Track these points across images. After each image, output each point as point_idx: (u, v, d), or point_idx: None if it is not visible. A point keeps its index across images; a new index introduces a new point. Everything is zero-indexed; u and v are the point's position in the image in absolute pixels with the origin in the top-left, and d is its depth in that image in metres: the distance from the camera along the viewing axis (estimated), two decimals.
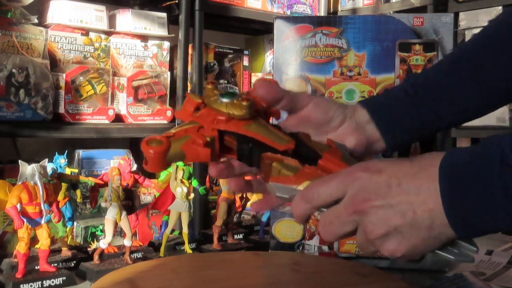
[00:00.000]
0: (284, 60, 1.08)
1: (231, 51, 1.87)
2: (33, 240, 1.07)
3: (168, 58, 1.64)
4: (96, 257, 1.14)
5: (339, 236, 0.52)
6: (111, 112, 1.46)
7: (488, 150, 0.47)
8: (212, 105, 0.58)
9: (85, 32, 1.46)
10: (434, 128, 0.72)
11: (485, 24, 1.81)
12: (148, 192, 1.50)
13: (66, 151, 1.26)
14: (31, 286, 1.01)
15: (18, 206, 1.01)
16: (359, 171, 0.50)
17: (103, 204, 1.16)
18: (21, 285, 1.00)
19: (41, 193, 1.04)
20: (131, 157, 1.48)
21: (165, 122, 1.57)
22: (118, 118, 1.50)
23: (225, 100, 0.57)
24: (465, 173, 0.47)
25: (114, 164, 1.48)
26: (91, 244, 1.34)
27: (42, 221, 1.04)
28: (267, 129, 0.58)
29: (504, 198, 0.45)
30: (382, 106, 0.69)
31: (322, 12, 2.12)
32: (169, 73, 1.62)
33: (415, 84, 0.71)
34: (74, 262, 1.17)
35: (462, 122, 0.76)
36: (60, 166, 1.22)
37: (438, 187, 0.47)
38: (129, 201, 1.20)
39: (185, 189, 1.23)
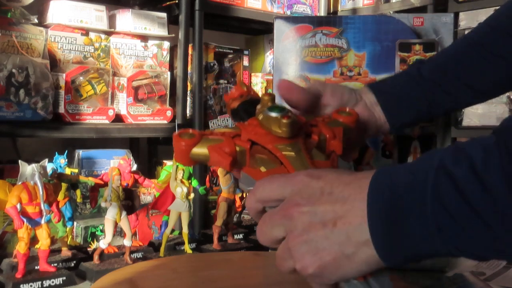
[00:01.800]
0: (284, 60, 1.08)
1: (231, 51, 1.88)
2: (33, 240, 1.07)
3: (168, 58, 1.64)
4: (96, 257, 1.14)
5: (269, 239, 0.48)
6: (111, 112, 1.46)
7: (423, 159, 0.43)
8: (258, 116, 0.56)
9: (85, 32, 1.46)
10: (440, 110, 0.74)
11: None
12: (148, 192, 1.50)
13: (66, 151, 1.27)
14: (31, 286, 1.01)
15: (18, 206, 1.01)
16: (302, 175, 0.48)
17: (103, 204, 1.16)
18: (21, 285, 1.00)
19: (41, 193, 1.04)
20: (131, 157, 1.48)
21: (165, 122, 1.57)
22: (118, 118, 1.50)
23: (270, 113, 0.55)
24: (396, 180, 0.43)
25: (114, 164, 1.48)
26: (91, 244, 1.34)
27: (42, 221, 1.04)
28: (298, 155, 0.54)
29: (435, 203, 0.40)
30: (387, 89, 0.72)
31: (322, 12, 2.12)
32: (169, 73, 1.62)
33: (420, 68, 0.74)
34: (74, 262, 1.17)
35: (470, 103, 0.77)
36: (60, 166, 1.22)
37: (365, 197, 0.43)
38: (129, 201, 1.21)
39: (185, 189, 1.23)
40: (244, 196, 1.54)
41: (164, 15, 1.61)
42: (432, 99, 0.73)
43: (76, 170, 1.31)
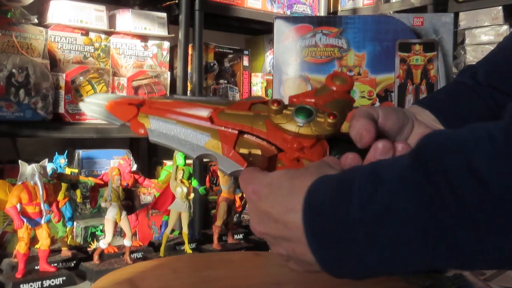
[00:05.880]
0: (284, 60, 1.08)
1: (231, 51, 1.87)
2: (33, 240, 1.07)
3: (168, 58, 1.64)
4: (96, 257, 1.14)
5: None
6: None
7: (348, 173, 0.42)
8: (286, 128, 0.50)
9: (85, 32, 1.46)
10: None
11: (485, 24, 1.81)
12: (148, 192, 1.50)
13: (66, 151, 1.27)
14: (31, 286, 1.01)
15: (18, 206, 1.01)
16: (249, 192, 0.48)
17: (103, 204, 1.16)
18: (21, 285, 1.00)
19: (41, 193, 1.04)
20: (131, 157, 1.48)
21: None
22: None
23: (304, 120, 0.50)
24: (323, 199, 0.42)
25: (114, 164, 1.48)
26: (91, 244, 1.34)
27: (42, 221, 1.04)
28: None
29: (359, 212, 0.38)
30: (444, 104, 0.67)
31: (322, 12, 2.12)
32: (169, 73, 1.62)
33: (475, 74, 0.69)
34: (74, 262, 1.17)
35: None
36: (60, 166, 1.22)
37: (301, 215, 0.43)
38: (129, 201, 1.21)
39: (185, 189, 1.23)
40: (244, 196, 1.54)
41: (164, 15, 1.61)
42: (494, 105, 0.67)
43: (76, 170, 1.31)
